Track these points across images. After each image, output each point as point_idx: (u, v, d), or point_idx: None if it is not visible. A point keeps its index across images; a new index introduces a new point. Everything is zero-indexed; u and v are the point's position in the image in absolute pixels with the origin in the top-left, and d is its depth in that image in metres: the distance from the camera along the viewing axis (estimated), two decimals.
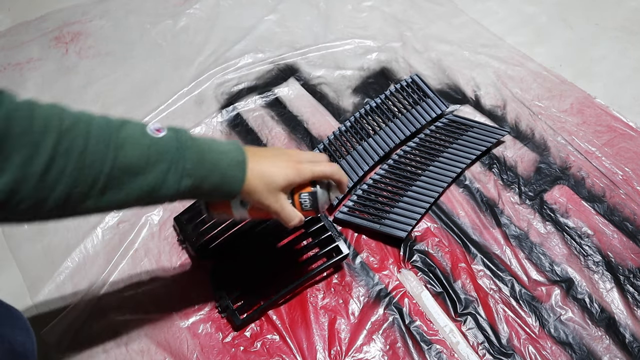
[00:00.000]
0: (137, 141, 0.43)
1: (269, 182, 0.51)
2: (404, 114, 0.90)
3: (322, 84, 0.99)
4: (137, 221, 0.78)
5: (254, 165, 0.51)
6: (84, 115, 0.42)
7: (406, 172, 0.82)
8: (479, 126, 0.89)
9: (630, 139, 0.89)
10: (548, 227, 0.78)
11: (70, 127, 0.39)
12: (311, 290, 0.71)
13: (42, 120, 0.37)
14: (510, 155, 0.87)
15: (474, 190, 0.82)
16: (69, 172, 0.38)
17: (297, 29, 1.09)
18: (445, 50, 1.04)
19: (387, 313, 0.69)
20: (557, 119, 0.92)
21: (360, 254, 0.75)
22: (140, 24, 1.11)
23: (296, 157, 0.55)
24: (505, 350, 0.66)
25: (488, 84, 0.98)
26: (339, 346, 0.66)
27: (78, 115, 0.41)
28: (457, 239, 0.76)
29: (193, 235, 0.74)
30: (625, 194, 0.81)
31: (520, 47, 1.05)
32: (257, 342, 0.66)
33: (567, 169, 0.85)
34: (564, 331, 0.67)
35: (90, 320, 0.68)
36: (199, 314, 0.69)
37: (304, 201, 0.56)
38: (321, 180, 0.57)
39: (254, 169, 0.51)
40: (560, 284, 0.72)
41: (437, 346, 0.66)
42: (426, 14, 1.13)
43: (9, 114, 0.35)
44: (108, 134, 0.41)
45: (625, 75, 1.00)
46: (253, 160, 0.51)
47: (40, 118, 0.37)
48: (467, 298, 0.70)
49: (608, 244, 0.76)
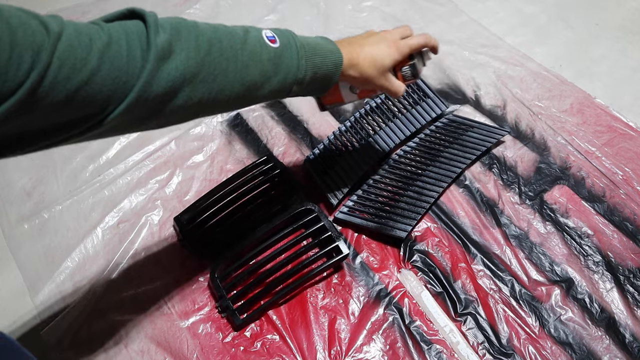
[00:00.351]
0: (259, 58, 0.49)
1: (380, 65, 0.59)
2: (404, 114, 0.90)
3: None
4: (137, 221, 0.78)
5: (362, 53, 0.58)
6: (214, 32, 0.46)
7: (406, 172, 0.82)
8: (479, 126, 0.89)
9: (630, 139, 0.89)
10: (548, 227, 0.78)
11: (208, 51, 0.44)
12: (311, 290, 0.71)
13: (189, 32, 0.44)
14: (510, 155, 0.87)
15: (474, 190, 0.82)
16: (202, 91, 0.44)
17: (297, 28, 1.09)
18: (445, 50, 1.04)
19: (387, 313, 0.69)
20: (557, 119, 0.92)
21: (360, 254, 0.75)
22: None
23: (392, 37, 0.62)
24: (505, 350, 0.66)
25: (488, 83, 0.98)
26: (339, 346, 0.66)
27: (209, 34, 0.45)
28: (457, 239, 0.76)
29: (193, 235, 0.74)
30: (625, 194, 0.81)
31: (520, 47, 1.05)
32: (257, 342, 0.66)
33: (567, 169, 0.85)
34: (564, 331, 0.67)
35: (90, 320, 0.68)
36: (199, 314, 0.69)
37: (405, 73, 0.65)
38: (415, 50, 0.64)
39: (365, 57, 0.58)
40: (560, 284, 0.72)
41: (437, 346, 0.66)
42: (426, 13, 1.13)
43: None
44: (235, 52, 0.46)
45: (625, 75, 1.00)
46: (359, 49, 0.59)
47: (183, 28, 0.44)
48: (467, 298, 0.70)
49: (608, 244, 0.76)
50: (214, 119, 0.92)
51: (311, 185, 0.83)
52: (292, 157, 0.87)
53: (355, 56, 0.58)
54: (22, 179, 0.85)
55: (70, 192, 0.83)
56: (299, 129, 0.91)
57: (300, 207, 0.75)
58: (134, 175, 0.84)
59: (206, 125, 0.91)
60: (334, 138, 0.86)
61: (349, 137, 0.87)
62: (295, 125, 0.91)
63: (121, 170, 0.85)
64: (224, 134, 0.90)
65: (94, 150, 0.88)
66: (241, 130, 0.91)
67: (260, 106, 0.94)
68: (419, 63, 0.66)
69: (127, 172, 0.85)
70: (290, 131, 0.91)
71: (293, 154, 0.87)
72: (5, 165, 0.86)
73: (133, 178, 0.84)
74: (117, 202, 0.81)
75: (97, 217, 0.79)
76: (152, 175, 0.84)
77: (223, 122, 0.92)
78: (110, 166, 0.86)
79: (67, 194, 0.82)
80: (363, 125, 0.88)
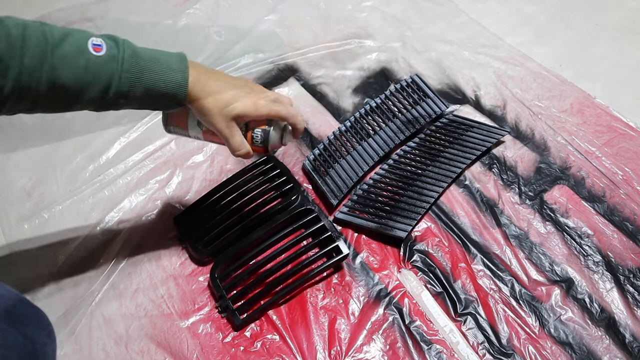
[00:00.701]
0: (73, 63, 0.46)
1: (225, 107, 0.53)
2: (404, 114, 0.90)
3: (322, 84, 0.99)
4: (137, 221, 0.78)
5: (214, 86, 0.53)
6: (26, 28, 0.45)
7: (406, 172, 0.82)
8: (479, 126, 0.89)
9: (630, 139, 0.89)
10: (548, 227, 0.78)
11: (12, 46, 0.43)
12: (311, 290, 0.71)
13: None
14: (510, 155, 0.87)
15: (474, 190, 0.82)
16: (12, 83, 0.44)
17: (297, 28, 1.09)
18: (445, 50, 1.04)
19: (387, 313, 0.69)
20: (557, 119, 0.92)
21: (360, 254, 0.75)
22: (140, 24, 1.11)
23: (259, 91, 0.57)
24: (505, 350, 0.66)
25: (488, 83, 0.98)
26: (339, 346, 0.66)
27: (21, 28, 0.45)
28: (457, 239, 0.76)
29: (193, 235, 0.74)
30: (625, 194, 0.81)
31: (520, 47, 1.05)
32: (257, 342, 0.66)
33: (567, 169, 0.85)
34: (564, 331, 0.67)
35: (90, 320, 0.68)
36: (199, 314, 0.69)
37: (255, 136, 0.58)
38: (277, 121, 0.59)
39: (214, 91, 0.53)
40: (560, 284, 0.72)
41: (437, 346, 0.66)
42: (426, 13, 1.13)
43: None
44: (43, 51, 0.45)
45: (625, 75, 1.00)
46: (213, 83, 0.53)
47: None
48: (467, 298, 0.70)
49: (608, 243, 0.76)
50: None
51: (311, 185, 0.83)
52: (292, 157, 0.87)
53: (203, 86, 0.53)
54: (22, 179, 0.84)
55: (70, 192, 0.83)
56: None
57: (300, 207, 0.75)
58: (134, 175, 0.84)
59: None
60: (333, 138, 0.86)
61: (349, 137, 0.87)
62: None
63: (121, 170, 0.85)
64: None
65: (94, 150, 0.88)
66: None
67: None
68: (274, 133, 0.59)
69: (127, 172, 0.85)
70: None
71: (293, 154, 0.87)
72: (5, 165, 0.87)
73: (133, 178, 0.84)
74: (117, 202, 0.81)
75: (97, 217, 0.79)
76: (152, 175, 0.84)
77: None
78: (110, 166, 0.86)
79: (67, 194, 0.82)
80: (363, 125, 0.88)
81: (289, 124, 0.60)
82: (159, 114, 0.93)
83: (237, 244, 0.73)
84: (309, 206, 0.75)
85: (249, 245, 0.73)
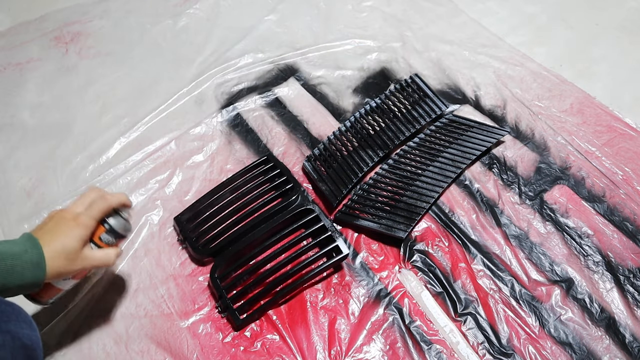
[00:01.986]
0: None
1: (68, 252, 0.54)
2: (404, 114, 0.90)
3: (322, 84, 0.99)
4: (137, 221, 0.78)
5: (46, 248, 0.53)
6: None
7: (406, 172, 0.82)
8: (479, 126, 0.89)
9: (630, 139, 0.89)
10: (548, 227, 0.78)
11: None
12: (311, 290, 0.71)
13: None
14: (510, 155, 0.87)
15: (474, 190, 0.82)
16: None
17: (297, 28, 1.09)
18: (445, 50, 1.04)
19: (387, 313, 0.69)
20: (557, 119, 0.92)
21: (360, 254, 0.75)
22: (141, 24, 1.11)
23: (70, 213, 0.57)
24: (505, 350, 0.66)
25: (488, 83, 0.98)
26: (339, 346, 0.66)
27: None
28: (457, 239, 0.76)
29: (193, 235, 0.74)
30: (625, 194, 0.81)
31: (520, 47, 1.05)
32: (257, 342, 0.66)
33: (567, 169, 0.85)
34: (564, 331, 0.67)
35: (90, 320, 0.68)
36: (199, 313, 0.69)
37: (107, 240, 0.60)
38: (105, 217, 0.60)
39: (50, 251, 0.53)
40: (560, 283, 0.72)
41: (437, 346, 0.66)
42: (426, 13, 1.13)
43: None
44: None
45: (625, 75, 1.00)
46: (45, 244, 0.53)
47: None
48: (467, 298, 0.70)
49: (608, 243, 0.76)
50: (214, 118, 0.92)
51: (311, 185, 0.83)
52: (292, 157, 0.87)
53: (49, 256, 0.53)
54: (22, 179, 0.85)
55: (71, 192, 0.83)
56: (299, 128, 0.91)
57: (300, 207, 0.75)
58: (134, 175, 0.84)
59: (206, 126, 0.91)
60: (334, 138, 0.86)
61: (349, 137, 0.87)
62: (295, 125, 0.91)
63: (121, 170, 0.85)
64: (224, 134, 0.90)
65: (94, 150, 0.88)
66: (241, 130, 0.91)
67: (260, 106, 0.94)
68: (118, 224, 0.61)
69: (127, 172, 0.85)
70: (290, 131, 0.91)
71: (293, 154, 0.87)
72: (6, 165, 0.87)
73: (133, 178, 0.84)
74: None
75: None
76: (152, 175, 0.84)
77: (223, 122, 0.92)
78: (111, 166, 0.86)
79: (67, 194, 0.82)
80: (363, 125, 0.88)
81: (115, 208, 0.61)
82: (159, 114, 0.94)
83: (237, 244, 0.73)
84: (309, 206, 0.75)
85: (249, 245, 0.73)
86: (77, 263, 0.56)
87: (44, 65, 1.02)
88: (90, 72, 1.01)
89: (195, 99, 0.96)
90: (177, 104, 0.95)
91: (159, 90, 0.97)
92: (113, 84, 0.99)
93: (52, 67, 1.02)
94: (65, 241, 0.54)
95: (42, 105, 0.95)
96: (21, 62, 1.03)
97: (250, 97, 0.96)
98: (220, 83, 0.98)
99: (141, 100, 0.96)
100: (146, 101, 0.95)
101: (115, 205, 0.61)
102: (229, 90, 0.97)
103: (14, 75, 1.01)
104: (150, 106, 0.94)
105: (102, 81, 0.99)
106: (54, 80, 1.00)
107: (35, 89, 0.98)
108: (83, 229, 0.56)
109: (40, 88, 0.98)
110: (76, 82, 0.99)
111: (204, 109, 0.94)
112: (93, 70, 1.02)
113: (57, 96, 0.97)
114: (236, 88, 0.98)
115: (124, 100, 0.96)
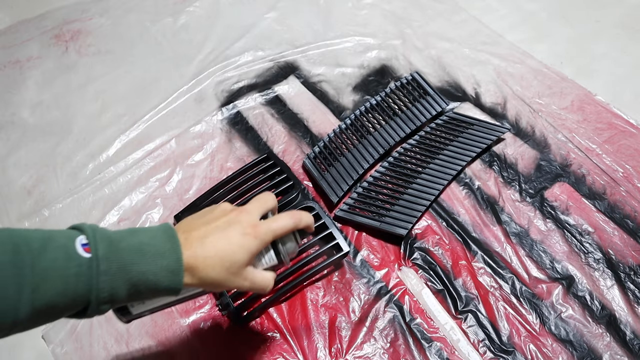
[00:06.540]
0: (62, 272, 0.36)
1: (230, 264, 0.44)
2: (404, 112, 0.90)
3: (322, 82, 0.99)
4: (137, 219, 0.78)
5: (201, 250, 0.43)
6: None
7: (406, 169, 0.82)
8: (479, 123, 0.89)
9: (631, 136, 0.89)
10: (548, 225, 0.78)
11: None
12: (311, 288, 0.71)
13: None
14: (511, 152, 0.87)
15: (474, 187, 0.82)
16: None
17: (297, 26, 1.09)
18: (445, 48, 1.04)
19: (388, 311, 0.69)
20: (557, 116, 0.92)
21: (361, 252, 0.75)
22: (140, 22, 1.11)
23: (248, 218, 0.46)
24: (506, 348, 0.66)
25: (488, 81, 0.98)
26: (339, 344, 0.66)
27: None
28: (458, 236, 0.76)
29: None
30: (626, 191, 0.81)
31: (521, 45, 1.05)
32: (258, 340, 0.66)
33: (567, 166, 0.85)
34: (564, 328, 0.67)
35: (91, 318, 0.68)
36: (200, 311, 0.69)
37: (269, 263, 0.49)
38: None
39: (206, 255, 0.43)
40: (561, 281, 0.72)
41: (438, 344, 0.66)
42: (426, 11, 1.13)
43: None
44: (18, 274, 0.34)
45: (626, 73, 1.00)
46: (198, 245, 0.43)
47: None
48: (467, 295, 0.70)
49: (609, 241, 0.76)
50: (214, 116, 0.92)
51: (311, 183, 0.83)
52: (292, 154, 0.87)
53: (192, 255, 0.42)
54: (23, 177, 0.85)
55: (71, 190, 0.83)
56: (299, 126, 0.91)
57: (300, 205, 0.75)
58: (135, 173, 0.84)
59: (206, 123, 0.91)
60: (334, 136, 0.86)
61: (349, 134, 0.87)
62: (295, 123, 0.91)
63: (121, 169, 0.85)
64: (224, 132, 0.90)
65: (94, 148, 0.88)
66: (241, 128, 0.91)
67: (260, 104, 0.94)
68: (290, 248, 0.50)
69: (128, 170, 0.85)
70: (290, 129, 0.90)
71: (293, 152, 0.87)
72: (6, 163, 0.87)
73: (133, 176, 0.84)
74: (117, 200, 0.81)
75: (97, 215, 0.79)
76: (153, 173, 0.84)
77: (223, 120, 0.92)
78: (111, 164, 0.86)
79: (68, 192, 0.82)
80: (363, 123, 0.88)
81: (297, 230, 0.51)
82: (159, 112, 0.94)
83: None
84: (309, 204, 0.75)
85: None
86: (235, 280, 0.45)
87: (44, 64, 1.02)
88: (90, 70, 1.01)
89: (195, 97, 0.96)
90: (177, 102, 0.95)
91: (159, 88, 0.97)
92: (113, 82, 0.99)
93: (52, 65, 1.02)
94: (228, 249, 0.44)
95: (42, 103, 0.95)
96: (21, 60, 1.03)
97: (250, 95, 0.96)
98: (220, 81, 0.98)
99: (141, 98, 0.96)
100: (146, 99, 0.95)
101: (302, 227, 0.50)
102: (229, 88, 0.97)
103: (14, 74, 1.01)
104: (150, 104, 0.94)
105: (102, 79, 0.99)
106: (54, 78, 1.00)
107: (35, 87, 0.98)
108: (259, 243, 0.46)
109: (40, 86, 0.98)
110: (76, 80, 0.99)
111: (204, 107, 0.94)
112: (93, 68, 1.02)
113: (57, 94, 0.97)
114: (236, 86, 0.97)
115: (124, 98, 0.96)
